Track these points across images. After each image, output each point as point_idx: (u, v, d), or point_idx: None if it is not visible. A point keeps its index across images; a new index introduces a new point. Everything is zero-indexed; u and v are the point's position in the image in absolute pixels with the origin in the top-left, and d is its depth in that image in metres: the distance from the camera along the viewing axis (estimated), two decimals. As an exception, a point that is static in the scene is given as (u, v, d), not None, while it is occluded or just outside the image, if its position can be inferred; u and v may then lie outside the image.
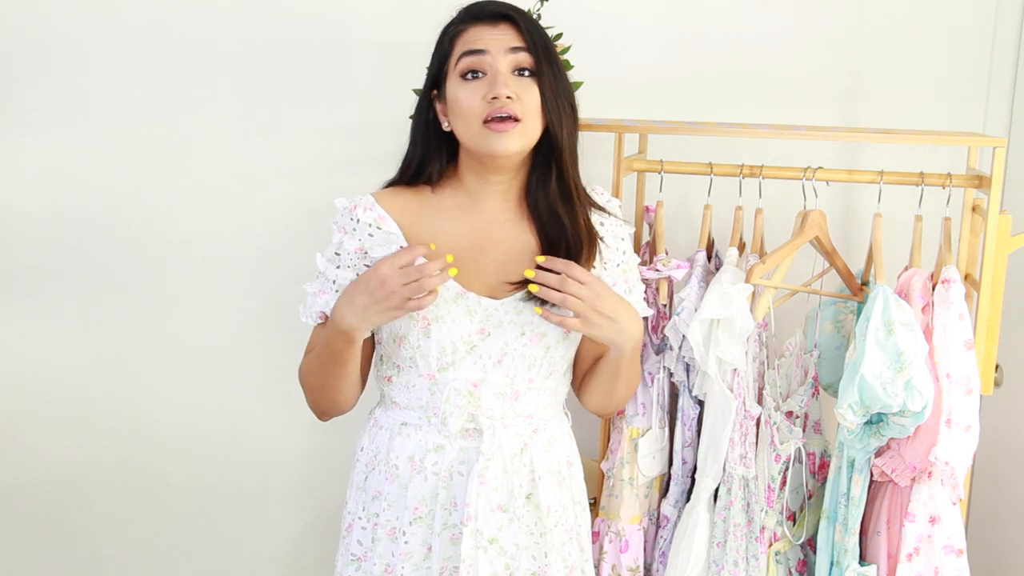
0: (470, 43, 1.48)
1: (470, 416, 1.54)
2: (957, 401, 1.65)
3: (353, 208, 1.53)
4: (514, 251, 1.56)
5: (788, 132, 1.82)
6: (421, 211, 1.56)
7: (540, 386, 1.58)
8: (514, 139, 1.45)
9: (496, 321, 1.52)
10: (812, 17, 2.16)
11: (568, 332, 1.57)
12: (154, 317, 2.40)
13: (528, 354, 1.54)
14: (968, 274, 1.83)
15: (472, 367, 1.53)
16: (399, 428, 1.59)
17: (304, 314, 1.58)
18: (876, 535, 1.75)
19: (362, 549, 1.62)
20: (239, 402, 2.43)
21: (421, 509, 1.56)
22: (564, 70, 1.53)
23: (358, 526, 1.62)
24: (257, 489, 2.48)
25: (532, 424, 1.59)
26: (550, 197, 1.54)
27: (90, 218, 2.35)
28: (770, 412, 1.76)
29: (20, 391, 2.46)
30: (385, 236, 1.52)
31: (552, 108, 1.48)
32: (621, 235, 1.65)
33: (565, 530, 1.62)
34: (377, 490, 1.60)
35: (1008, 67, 2.14)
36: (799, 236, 1.82)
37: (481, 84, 1.46)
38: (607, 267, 1.61)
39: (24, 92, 2.31)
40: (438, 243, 1.53)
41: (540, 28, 1.52)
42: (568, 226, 1.54)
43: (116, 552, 2.53)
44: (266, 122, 2.28)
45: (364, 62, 2.24)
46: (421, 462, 1.56)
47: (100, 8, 2.27)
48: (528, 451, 1.58)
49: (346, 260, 1.53)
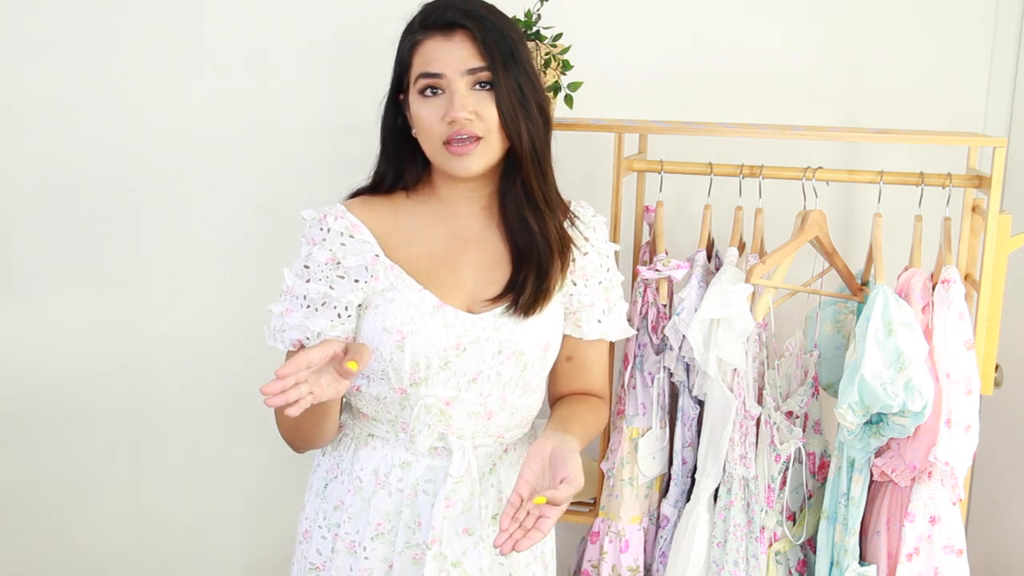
0: (426, 63, 1.43)
1: (440, 435, 1.50)
2: (957, 401, 1.65)
3: (323, 218, 1.47)
4: (489, 260, 1.52)
5: (788, 132, 1.82)
6: (395, 219, 1.51)
7: (514, 404, 1.53)
8: (475, 159, 1.43)
9: (473, 337, 1.47)
10: (812, 17, 2.16)
11: (546, 350, 1.54)
12: (150, 315, 2.41)
13: (504, 373, 1.50)
14: (968, 274, 1.83)
15: (445, 384, 1.48)
16: (365, 439, 1.55)
17: (271, 336, 1.49)
18: (876, 535, 1.75)
19: (321, 559, 1.57)
20: (238, 403, 2.43)
21: (384, 525, 1.52)
22: (529, 68, 1.46)
23: (318, 534, 1.57)
24: (258, 487, 2.48)
25: (503, 443, 1.56)
26: (518, 204, 1.50)
27: (89, 218, 2.36)
28: (770, 412, 1.76)
29: (20, 391, 2.47)
30: (359, 245, 1.47)
31: (510, 118, 1.43)
32: (606, 252, 1.61)
33: (530, 550, 1.57)
34: (340, 500, 1.55)
35: (1008, 67, 2.14)
36: (799, 236, 1.82)
37: (439, 103, 1.42)
38: (588, 285, 1.58)
39: (23, 91, 2.33)
40: (413, 252, 1.49)
41: (499, 30, 1.44)
42: (537, 234, 1.50)
43: (116, 552, 2.54)
44: (265, 121, 2.29)
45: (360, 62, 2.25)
46: (386, 477, 1.52)
47: (98, 8, 2.27)
48: (497, 471, 1.55)
49: (316, 273, 1.46)
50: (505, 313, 1.49)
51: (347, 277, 1.46)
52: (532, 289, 1.49)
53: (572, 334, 1.60)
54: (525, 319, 1.49)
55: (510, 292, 1.50)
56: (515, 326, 1.49)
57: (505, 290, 1.50)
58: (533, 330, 1.51)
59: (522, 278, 1.50)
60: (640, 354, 1.85)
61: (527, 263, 1.50)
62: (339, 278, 1.46)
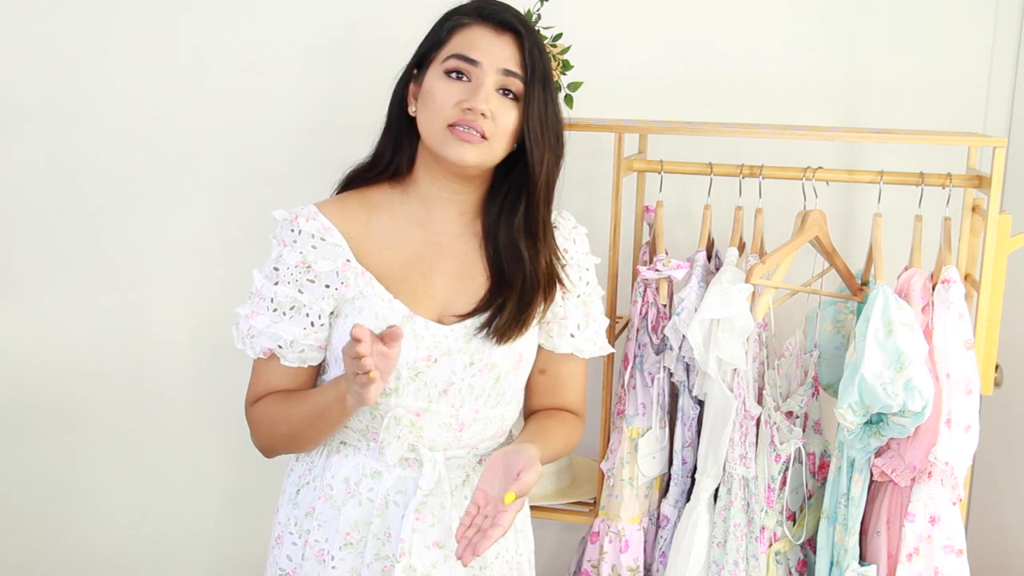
0: (466, 47, 1.41)
1: (410, 446, 1.46)
2: (957, 401, 1.65)
3: (294, 219, 1.44)
4: (464, 270, 1.49)
5: (788, 132, 1.82)
6: (368, 223, 1.47)
7: (487, 416, 1.50)
8: (473, 152, 1.39)
9: (444, 349, 1.44)
10: (812, 17, 2.16)
11: (519, 362, 1.50)
12: (150, 316, 2.41)
13: (476, 384, 1.46)
14: (968, 274, 1.83)
15: (416, 395, 1.44)
16: (337, 446, 1.51)
17: (239, 339, 1.47)
18: (876, 535, 1.75)
19: (291, 565, 1.54)
20: (238, 403, 2.43)
21: (353, 535, 1.48)
22: (556, 97, 1.46)
23: (288, 540, 1.55)
24: (257, 489, 2.48)
25: (477, 454, 1.52)
26: (513, 230, 1.47)
27: (88, 218, 2.36)
28: (770, 412, 1.76)
29: (20, 391, 2.47)
30: (330, 248, 1.43)
31: (535, 139, 1.42)
32: (586, 265, 1.58)
33: (506, 561, 1.55)
34: (311, 507, 1.52)
35: (1008, 67, 2.14)
36: (799, 236, 1.82)
37: (461, 88, 1.40)
38: (567, 298, 1.54)
39: (24, 90, 2.33)
40: (385, 258, 1.46)
41: (542, 49, 1.44)
42: (527, 264, 1.46)
43: (115, 552, 2.54)
44: (271, 122, 2.29)
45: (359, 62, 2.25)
46: (356, 486, 1.48)
47: (97, 9, 2.27)
48: (470, 483, 1.52)
49: (285, 275, 1.43)
50: (478, 333, 1.46)
51: (317, 282, 1.43)
52: (510, 317, 1.46)
53: (545, 345, 1.56)
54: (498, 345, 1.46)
55: (485, 312, 1.46)
56: (488, 342, 1.46)
57: (479, 308, 1.47)
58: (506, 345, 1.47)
59: (501, 302, 1.46)
60: (640, 354, 1.85)
61: (509, 289, 1.47)
62: (309, 282, 1.43)
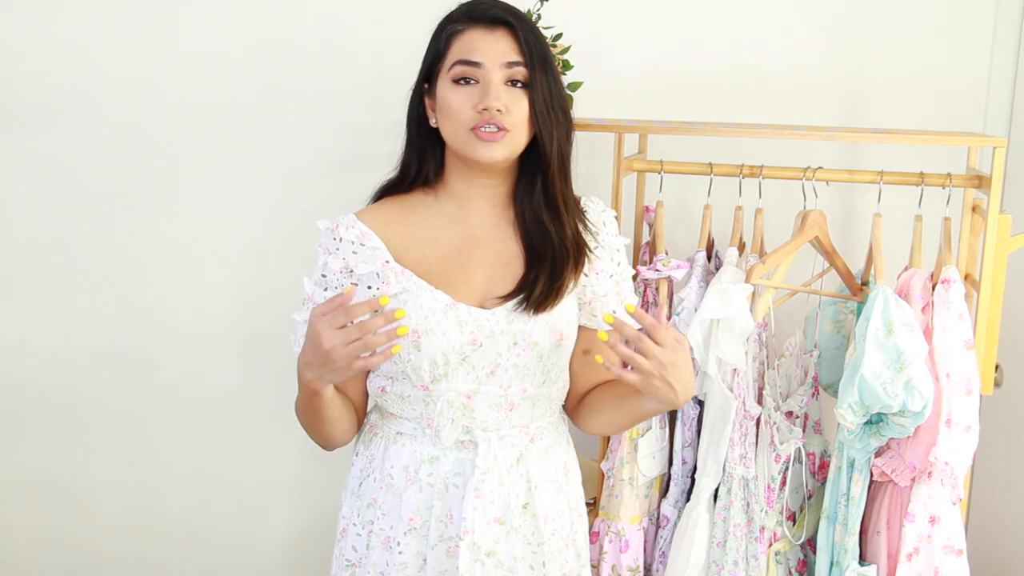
0: (466, 51, 1.47)
1: (464, 428, 1.53)
2: (957, 401, 1.65)
3: (335, 228, 1.53)
4: (501, 257, 1.55)
5: (788, 132, 1.82)
6: (407, 224, 1.55)
7: (535, 395, 1.56)
8: (500, 148, 1.46)
9: (487, 332, 1.50)
10: (812, 17, 2.16)
11: (561, 340, 1.56)
12: (150, 316, 2.41)
13: (521, 364, 1.52)
14: (968, 274, 1.83)
15: (465, 378, 1.51)
16: (395, 437, 1.58)
17: (297, 343, 1.55)
18: (876, 535, 1.75)
19: (357, 555, 1.61)
20: (237, 404, 2.44)
21: (416, 520, 1.55)
22: (558, 75, 1.52)
23: (353, 532, 1.61)
24: (256, 490, 2.48)
25: (528, 433, 1.58)
26: (535, 206, 1.54)
27: (88, 217, 2.36)
28: (770, 412, 1.76)
29: (20, 391, 2.47)
30: (369, 252, 1.51)
31: (543, 119, 1.48)
32: (616, 246, 1.63)
33: (562, 537, 1.61)
34: (372, 497, 1.58)
35: (1008, 67, 2.14)
36: (799, 236, 1.82)
37: (472, 91, 1.46)
38: (599, 277, 1.60)
39: (24, 91, 2.32)
40: (424, 255, 1.53)
41: (537, 33, 1.50)
42: (554, 236, 1.53)
43: (115, 552, 2.54)
44: (269, 122, 2.29)
45: (363, 61, 2.25)
46: (416, 473, 1.55)
47: (99, 11, 2.27)
48: (524, 461, 1.57)
49: (332, 281, 1.52)
50: (516, 308, 1.51)
51: (360, 284, 1.51)
52: (544, 287, 1.51)
53: (587, 324, 1.61)
54: (536, 315, 1.51)
55: (522, 290, 1.52)
56: (528, 319, 1.52)
57: (517, 288, 1.53)
58: (546, 322, 1.53)
59: (534, 276, 1.52)
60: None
61: (540, 263, 1.53)
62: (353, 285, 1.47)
